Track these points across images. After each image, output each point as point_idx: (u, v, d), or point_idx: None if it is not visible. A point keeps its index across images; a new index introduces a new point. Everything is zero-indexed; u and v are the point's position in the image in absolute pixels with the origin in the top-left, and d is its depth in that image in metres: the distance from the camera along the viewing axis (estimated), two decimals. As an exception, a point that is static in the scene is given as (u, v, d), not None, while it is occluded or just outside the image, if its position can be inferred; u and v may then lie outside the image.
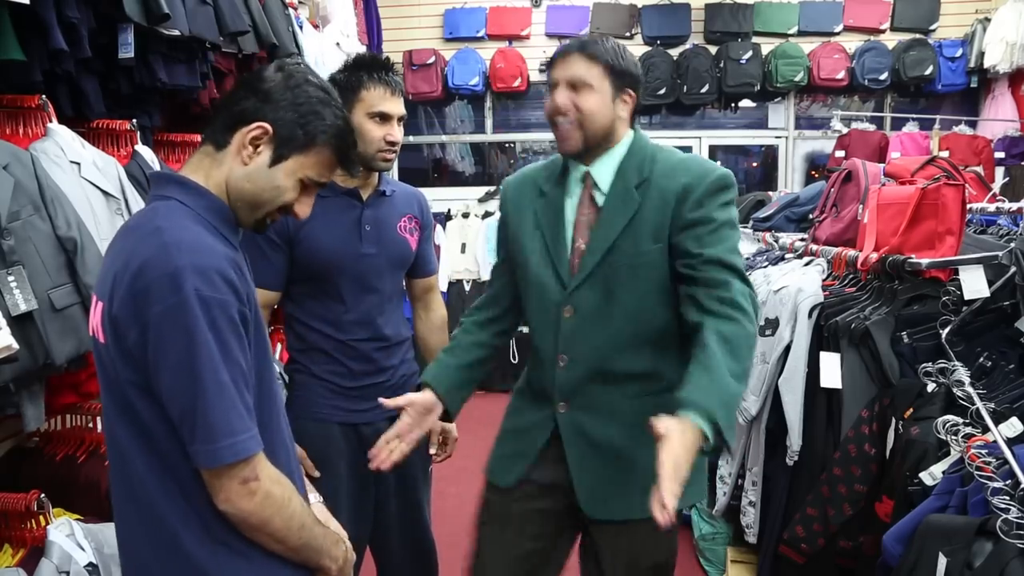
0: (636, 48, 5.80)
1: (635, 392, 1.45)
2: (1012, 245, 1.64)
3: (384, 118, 1.70)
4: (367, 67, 1.69)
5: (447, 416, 1.58)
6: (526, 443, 1.54)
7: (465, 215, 5.75)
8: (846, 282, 2.15)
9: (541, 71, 5.83)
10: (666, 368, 1.44)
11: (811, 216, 2.88)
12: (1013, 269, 1.60)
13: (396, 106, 1.71)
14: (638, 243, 1.40)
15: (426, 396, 1.53)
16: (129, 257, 0.98)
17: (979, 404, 1.39)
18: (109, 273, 1.01)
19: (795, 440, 1.95)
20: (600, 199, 1.45)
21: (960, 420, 1.40)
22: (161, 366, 0.96)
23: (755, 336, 1.32)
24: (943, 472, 1.36)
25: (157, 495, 1.02)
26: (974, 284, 1.68)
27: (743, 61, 5.63)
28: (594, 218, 1.45)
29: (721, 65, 5.66)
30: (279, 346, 2.80)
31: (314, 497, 1.37)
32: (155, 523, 1.03)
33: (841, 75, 5.61)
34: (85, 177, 1.80)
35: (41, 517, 1.55)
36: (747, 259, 2.92)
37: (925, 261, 1.78)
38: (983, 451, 1.25)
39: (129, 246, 1.01)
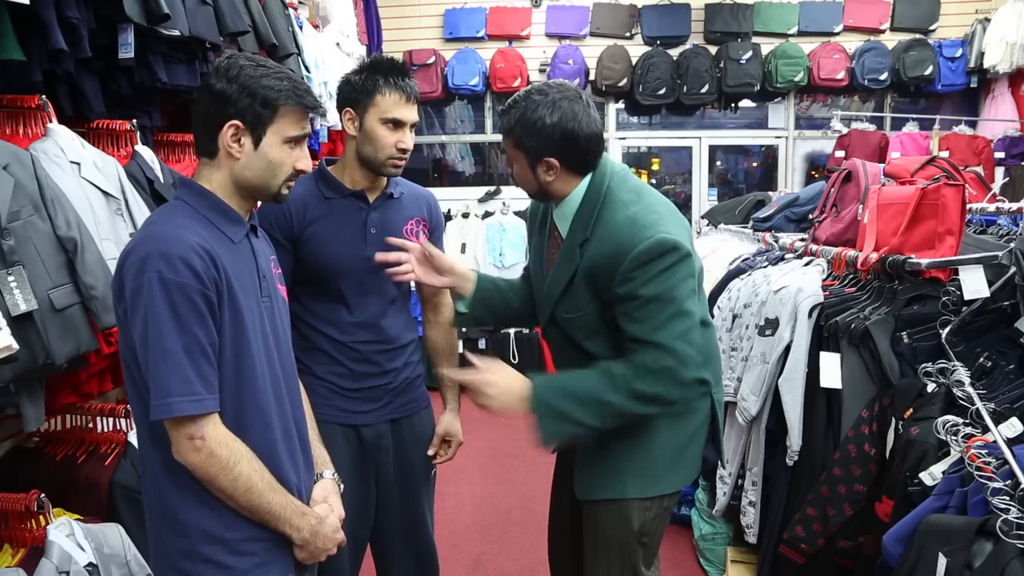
0: (636, 48, 5.81)
1: None
2: (1012, 245, 1.64)
3: (397, 124, 1.68)
4: (384, 71, 1.67)
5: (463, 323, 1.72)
6: None
7: (465, 215, 5.76)
8: (846, 282, 2.14)
9: (541, 71, 5.84)
10: None
11: (811, 216, 2.87)
12: (1013, 269, 1.60)
13: (410, 113, 1.69)
14: (577, 304, 1.54)
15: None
16: (127, 245, 1.20)
17: (979, 404, 1.39)
18: None
19: (795, 440, 1.95)
20: (561, 241, 1.58)
21: (960, 420, 1.40)
22: (133, 333, 1.16)
23: (632, 397, 1.42)
24: (943, 472, 1.36)
25: (147, 444, 1.23)
26: (974, 284, 1.68)
27: (743, 61, 5.63)
28: (556, 259, 1.59)
29: (721, 65, 5.66)
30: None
31: (328, 473, 1.45)
32: (148, 466, 1.25)
33: (841, 75, 5.61)
34: (85, 177, 1.80)
35: (41, 517, 1.55)
36: (747, 259, 2.92)
37: (925, 261, 1.78)
38: (983, 451, 1.25)
39: (133, 236, 1.24)
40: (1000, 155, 5.25)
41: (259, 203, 1.38)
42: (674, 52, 5.76)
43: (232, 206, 1.27)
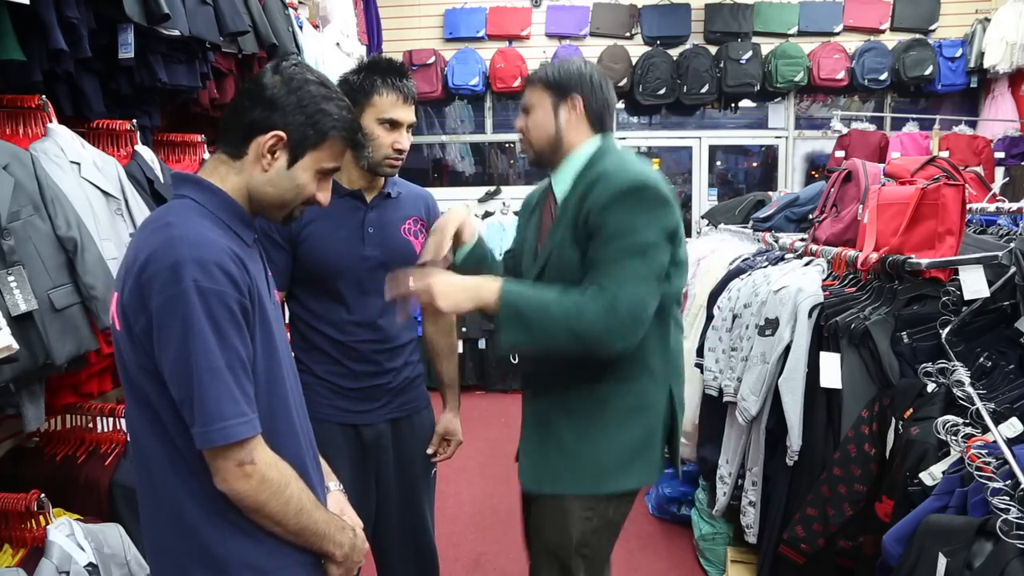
0: (636, 48, 5.81)
1: (573, 381, 1.54)
2: (1012, 245, 1.64)
3: (394, 125, 1.69)
4: (382, 72, 1.68)
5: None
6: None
7: (465, 215, 5.75)
8: (846, 282, 2.14)
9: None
10: (606, 363, 1.49)
11: (811, 216, 2.87)
12: (1013, 269, 1.60)
13: (407, 114, 1.70)
14: (565, 251, 1.50)
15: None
16: (139, 250, 1.05)
17: (979, 404, 1.39)
18: (124, 265, 1.09)
19: (795, 440, 1.95)
20: (556, 210, 1.57)
21: (960, 420, 1.40)
22: (163, 352, 1.02)
23: (584, 319, 1.37)
24: (943, 472, 1.36)
25: (167, 474, 1.09)
26: (974, 284, 1.68)
27: (743, 61, 5.64)
28: (549, 227, 1.58)
29: (721, 65, 5.67)
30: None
31: (333, 485, 1.39)
32: (166, 499, 1.10)
33: (841, 75, 5.61)
34: (85, 177, 1.80)
35: (41, 517, 1.56)
36: (747, 259, 2.92)
37: (925, 261, 1.78)
38: (983, 451, 1.25)
39: (142, 240, 1.07)
40: (1000, 155, 5.25)
41: None
42: (674, 52, 5.76)
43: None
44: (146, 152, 2.18)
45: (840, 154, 5.34)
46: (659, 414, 1.56)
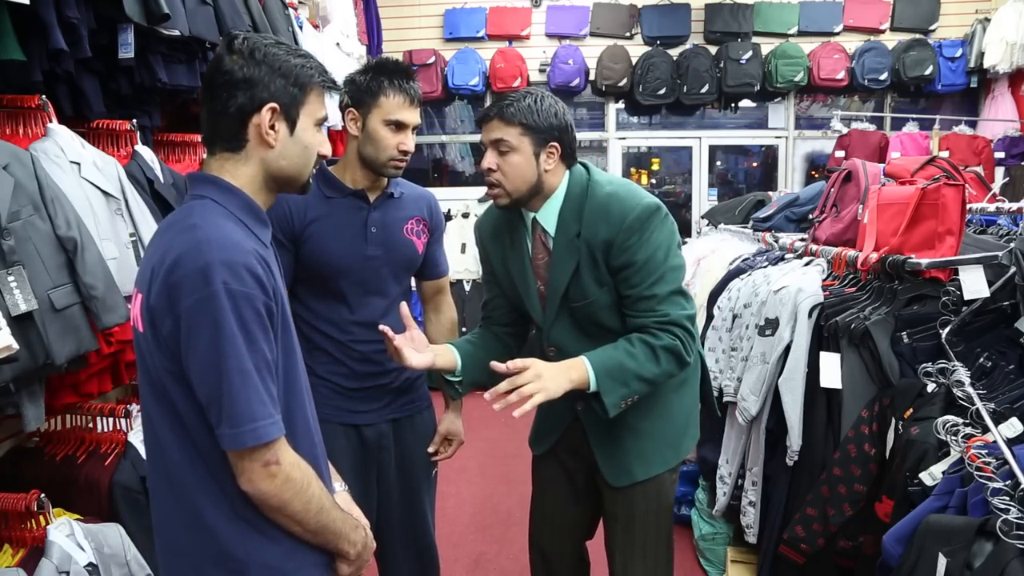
0: (636, 48, 5.81)
1: None
2: (1012, 245, 1.64)
3: (399, 126, 1.69)
4: (388, 73, 1.69)
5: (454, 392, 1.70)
6: (553, 423, 1.79)
7: (465, 215, 5.76)
8: (846, 282, 2.14)
9: (541, 71, 5.84)
10: None
11: (811, 216, 2.87)
12: (1013, 269, 1.59)
13: (412, 116, 1.71)
14: (586, 289, 1.59)
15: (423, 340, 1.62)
16: (166, 252, 1.05)
17: (979, 404, 1.39)
18: (148, 266, 1.08)
19: (795, 440, 1.95)
20: (551, 243, 1.62)
21: (960, 420, 1.40)
22: (191, 354, 1.02)
23: (673, 354, 1.54)
24: (943, 472, 1.36)
25: (188, 475, 1.09)
26: (974, 284, 1.68)
27: (743, 61, 5.64)
28: (547, 262, 1.63)
29: (721, 65, 5.67)
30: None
31: (339, 486, 1.40)
32: (185, 501, 1.10)
33: (841, 75, 5.61)
34: (85, 177, 1.80)
35: (41, 517, 1.56)
36: (747, 259, 2.92)
37: (925, 261, 1.77)
38: (983, 451, 1.25)
39: (166, 242, 1.07)
40: (1000, 155, 5.25)
41: None
42: (674, 52, 5.76)
43: (259, 204, 1.17)
44: (146, 152, 2.18)
45: (840, 154, 5.34)
46: (698, 375, 1.78)
